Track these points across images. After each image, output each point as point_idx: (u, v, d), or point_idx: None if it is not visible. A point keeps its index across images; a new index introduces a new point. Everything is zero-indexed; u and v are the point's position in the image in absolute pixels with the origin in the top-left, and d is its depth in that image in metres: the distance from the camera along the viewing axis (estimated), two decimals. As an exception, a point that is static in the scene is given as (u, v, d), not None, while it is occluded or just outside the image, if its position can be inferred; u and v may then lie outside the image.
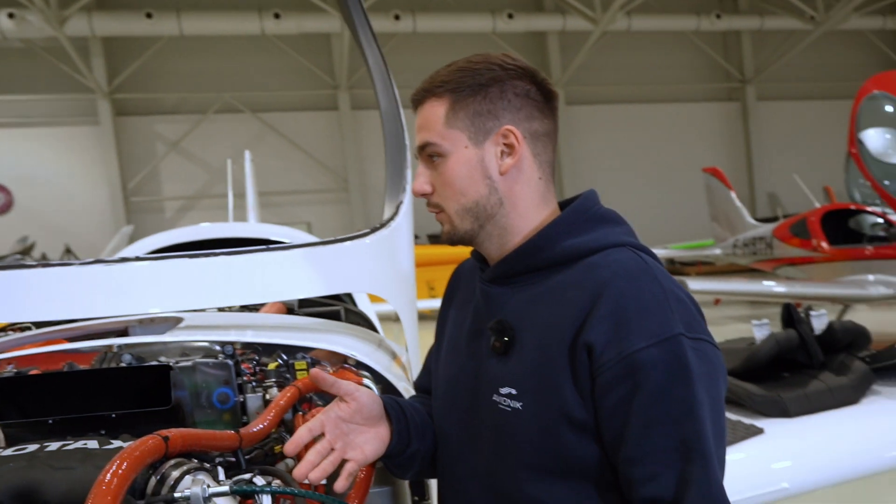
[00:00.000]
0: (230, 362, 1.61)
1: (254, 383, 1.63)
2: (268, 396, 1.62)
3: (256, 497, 1.05)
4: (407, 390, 1.68)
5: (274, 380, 1.64)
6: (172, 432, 1.07)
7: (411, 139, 2.16)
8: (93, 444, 1.12)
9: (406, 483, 1.61)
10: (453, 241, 1.26)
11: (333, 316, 2.59)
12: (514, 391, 1.16)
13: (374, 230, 2.01)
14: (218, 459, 1.25)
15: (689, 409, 1.05)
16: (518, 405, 1.15)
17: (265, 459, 1.46)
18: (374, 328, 2.61)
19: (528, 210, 1.24)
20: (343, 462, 1.24)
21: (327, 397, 1.67)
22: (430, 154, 1.23)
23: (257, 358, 1.68)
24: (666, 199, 19.86)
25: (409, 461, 1.38)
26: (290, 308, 2.46)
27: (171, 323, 1.89)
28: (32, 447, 1.11)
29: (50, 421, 1.31)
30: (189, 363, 1.55)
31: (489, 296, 1.27)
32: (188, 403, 1.57)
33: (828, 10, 18.29)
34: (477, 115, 1.20)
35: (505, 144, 1.22)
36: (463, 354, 1.32)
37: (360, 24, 2.15)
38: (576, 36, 18.72)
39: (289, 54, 18.40)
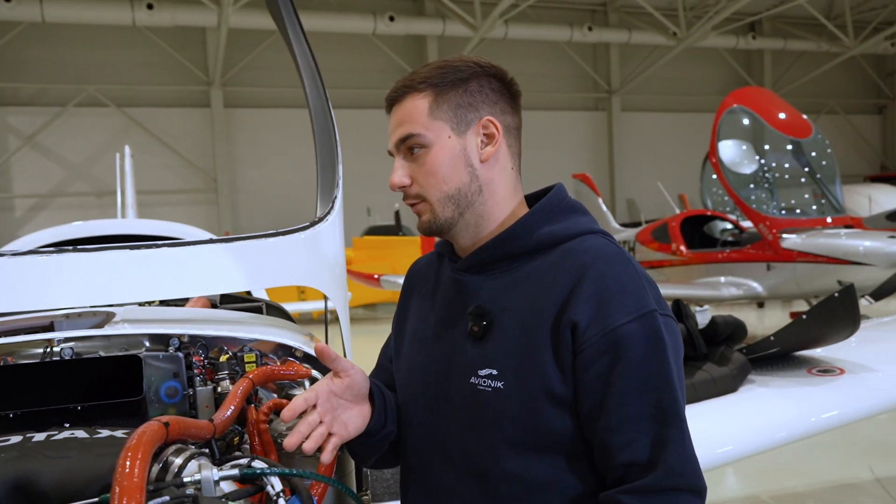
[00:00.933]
0: (180, 355, 1.61)
1: (201, 377, 1.64)
2: (220, 389, 1.63)
3: (264, 480, 1.08)
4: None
5: (226, 372, 1.65)
6: (170, 419, 1.09)
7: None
8: (80, 433, 1.11)
9: (352, 474, 1.67)
10: (432, 230, 1.32)
11: (257, 311, 2.58)
12: (494, 371, 1.23)
13: (312, 224, 2.05)
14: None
15: (665, 378, 1.17)
16: (499, 384, 1.22)
17: (227, 451, 1.48)
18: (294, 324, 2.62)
19: (503, 198, 1.33)
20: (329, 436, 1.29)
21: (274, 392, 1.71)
22: (411, 146, 1.29)
23: (206, 350, 1.69)
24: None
25: (381, 442, 1.43)
26: (213, 303, 2.44)
27: (102, 317, 1.85)
28: (15, 438, 1.09)
29: (11, 415, 1.27)
30: (140, 356, 1.54)
31: (463, 284, 1.34)
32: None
33: (689, 27, 19.69)
34: (459, 107, 1.29)
35: (485, 135, 1.31)
36: (431, 343, 1.37)
37: (289, 18, 2.17)
38: (454, 41, 19.13)
39: (160, 47, 17.64)
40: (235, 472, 1.06)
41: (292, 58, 2.22)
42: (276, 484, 1.07)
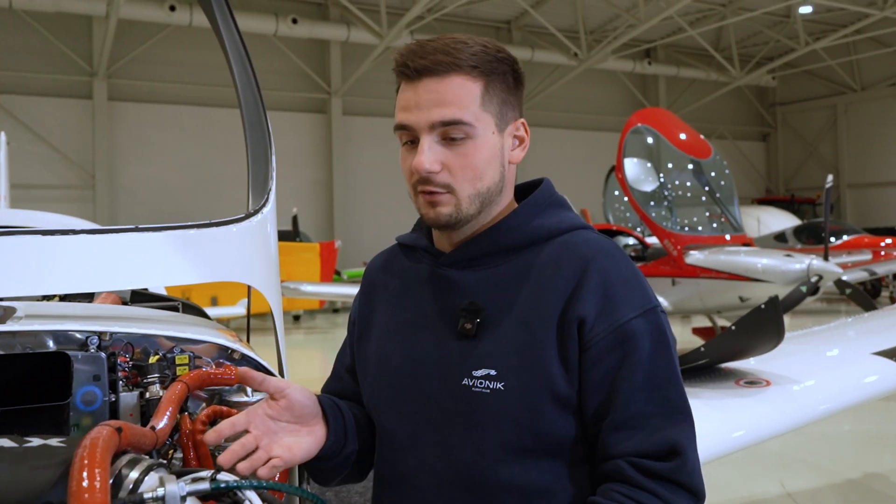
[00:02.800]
0: (102, 355, 1.42)
1: (123, 380, 1.46)
2: (148, 395, 1.46)
3: (239, 495, 0.94)
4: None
5: (156, 375, 1.48)
6: (121, 424, 0.93)
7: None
8: (5, 442, 0.93)
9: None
10: (449, 223, 1.22)
11: (173, 311, 2.37)
12: (492, 372, 1.16)
13: (246, 216, 1.89)
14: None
15: (673, 375, 1.15)
16: (499, 385, 1.15)
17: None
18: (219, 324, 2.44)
19: (508, 196, 1.29)
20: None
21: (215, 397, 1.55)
22: (453, 133, 1.17)
23: (131, 351, 1.50)
24: None
25: (343, 464, 1.33)
26: (123, 301, 2.22)
27: (0, 312, 1.62)
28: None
29: None
30: (69, 353, 1.35)
31: (448, 279, 1.26)
32: None
33: (590, 49, 20.46)
34: (504, 103, 1.22)
35: (516, 136, 1.26)
36: (408, 343, 1.28)
37: (219, 8, 2.02)
38: (359, 48, 19.04)
39: (40, 34, 16.58)
40: (206, 485, 0.92)
41: (219, 41, 2.06)
42: (254, 499, 0.94)
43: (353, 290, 11.11)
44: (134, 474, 0.90)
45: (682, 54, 24.33)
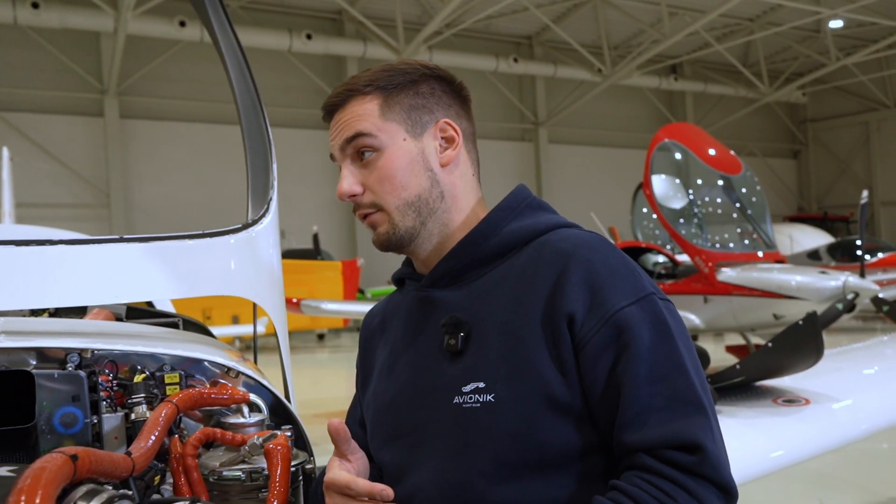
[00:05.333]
0: (82, 374, 1.34)
1: (109, 401, 1.38)
2: (134, 416, 1.38)
3: None
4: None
5: (142, 395, 1.40)
6: (78, 450, 0.85)
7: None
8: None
9: None
10: (391, 242, 1.24)
11: (172, 328, 2.30)
12: (481, 385, 1.12)
13: (245, 226, 1.83)
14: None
15: (678, 365, 1.07)
16: (489, 398, 1.10)
17: (147, 492, 1.24)
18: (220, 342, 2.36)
19: (467, 205, 1.27)
20: None
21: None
22: (361, 149, 1.22)
23: (115, 370, 1.42)
24: None
25: None
26: (117, 317, 2.15)
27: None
28: None
29: None
30: (30, 371, 1.27)
31: (430, 300, 1.25)
32: None
33: (613, 65, 20.39)
34: (413, 109, 1.23)
35: (443, 138, 1.25)
36: (400, 375, 1.26)
37: (215, 13, 1.98)
38: (374, 63, 19.02)
39: (47, 50, 16.79)
40: None
41: (217, 51, 2.03)
42: None
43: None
44: None
45: (709, 70, 24.23)
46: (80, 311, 2.21)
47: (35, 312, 2.10)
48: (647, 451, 1.03)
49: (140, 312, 2.32)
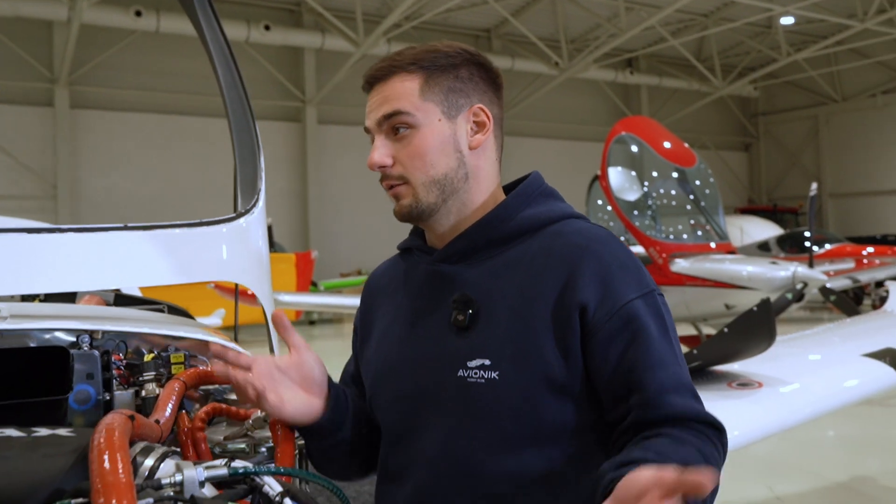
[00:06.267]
0: (96, 353, 1.43)
1: (117, 379, 1.47)
2: (144, 394, 1.47)
3: (257, 480, 0.96)
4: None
5: (152, 374, 1.49)
6: (133, 413, 0.95)
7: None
8: (13, 432, 0.94)
9: None
10: (412, 215, 1.30)
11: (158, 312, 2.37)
12: (487, 362, 1.19)
13: (238, 215, 1.91)
14: None
15: (677, 353, 1.20)
16: (494, 375, 1.18)
17: None
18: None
19: (488, 187, 1.33)
20: None
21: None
22: (396, 125, 1.27)
23: (124, 350, 1.51)
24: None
25: (335, 448, 1.36)
26: (107, 303, 2.22)
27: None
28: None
29: None
30: (67, 348, 1.36)
31: (442, 275, 1.31)
32: None
33: (571, 59, 20.65)
34: (451, 92, 1.29)
35: (475, 122, 1.31)
36: (405, 341, 1.33)
37: (201, 6, 2.05)
38: (334, 55, 19.04)
39: (-3, 38, 16.39)
40: (224, 471, 0.93)
41: (202, 41, 2.09)
42: (273, 485, 0.95)
43: (333, 300, 11.06)
44: (149, 462, 0.91)
45: (664, 64, 24.63)
46: (68, 298, 2.27)
47: (25, 298, 2.15)
48: (672, 422, 1.13)
49: (127, 299, 2.39)
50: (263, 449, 1.39)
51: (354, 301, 10.76)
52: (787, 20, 20.64)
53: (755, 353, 3.11)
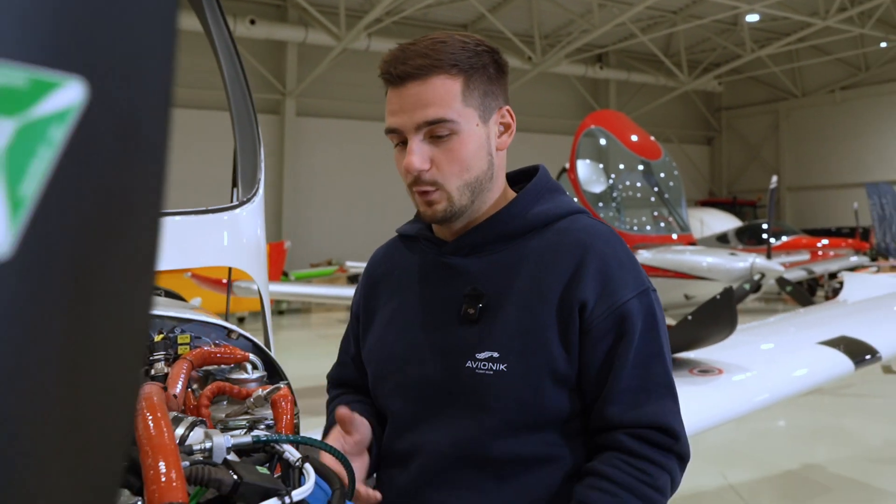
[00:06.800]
0: None
1: None
2: (153, 372, 1.52)
3: (278, 448, 1.01)
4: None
5: (162, 353, 1.54)
6: (162, 385, 1.00)
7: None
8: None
9: None
10: (446, 217, 1.28)
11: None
12: (495, 354, 1.22)
13: (240, 204, 1.97)
14: None
15: (658, 353, 1.25)
16: (502, 367, 1.21)
17: None
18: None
19: (501, 184, 1.34)
20: None
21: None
22: (438, 132, 1.22)
23: None
24: (382, 216, 20.56)
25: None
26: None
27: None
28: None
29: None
30: None
31: (452, 267, 1.32)
32: None
33: (544, 54, 20.74)
34: (485, 95, 1.26)
35: (501, 123, 1.31)
36: (413, 330, 1.34)
37: (207, 2, 2.09)
38: (316, 49, 18.93)
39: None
40: (248, 439, 0.99)
41: (209, 40, 2.13)
42: (293, 451, 1.01)
43: (308, 289, 11.02)
44: (180, 430, 0.97)
45: (632, 59, 24.76)
46: None
47: None
48: (626, 430, 1.20)
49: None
50: (263, 426, 1.45)
51: (336, 290, 10.79)
52: (752, 17, 20.82)
53: (717, 340, 3.20)
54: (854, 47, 23.17)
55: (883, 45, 22.29)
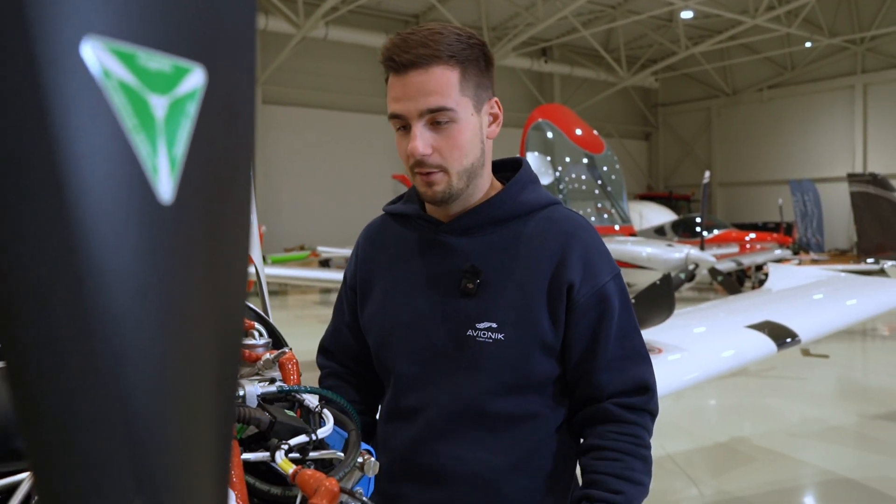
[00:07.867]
0: None
1: None
2: None
3: (299, 397, 1.10)
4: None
5: None
6: None
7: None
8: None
9: None
10: (444, 199, 1.37)
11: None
12: (493, 325, 1.36)
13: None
14: None
15: (635, 326, 1.43)
16: (500, 336, 1.35)
17: None
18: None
19: (489, 170, 1.45)
20: None
21: None
22: (439, 118, 1.30)
23: None
24: (349, 203, 20.55)
25: None
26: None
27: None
28: None
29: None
30: None
31: (450, 245, 1.43)
32: None
33: (491, 46, 20.86)
34: (478, 87, 1.35)
35: (490, 114, 1.41)
36: (416, 300, 1.44)
37: None
38: (276, 37, 18.73)
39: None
40: (273, 388, 1.09)
41: None
42: (312, 399, 1.10)
43: (283, 272, 10.99)
44: None
45: (575, 54, 25.03)
46: None
47: None
48: (614, 401, 1.38)
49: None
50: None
51: (315, 273, 10.81)
52: (686, 14, 20.97)
53: (657, 322, 3.45)
54: (781, 46, 23.76)
55: (808, 44, 22.88)
